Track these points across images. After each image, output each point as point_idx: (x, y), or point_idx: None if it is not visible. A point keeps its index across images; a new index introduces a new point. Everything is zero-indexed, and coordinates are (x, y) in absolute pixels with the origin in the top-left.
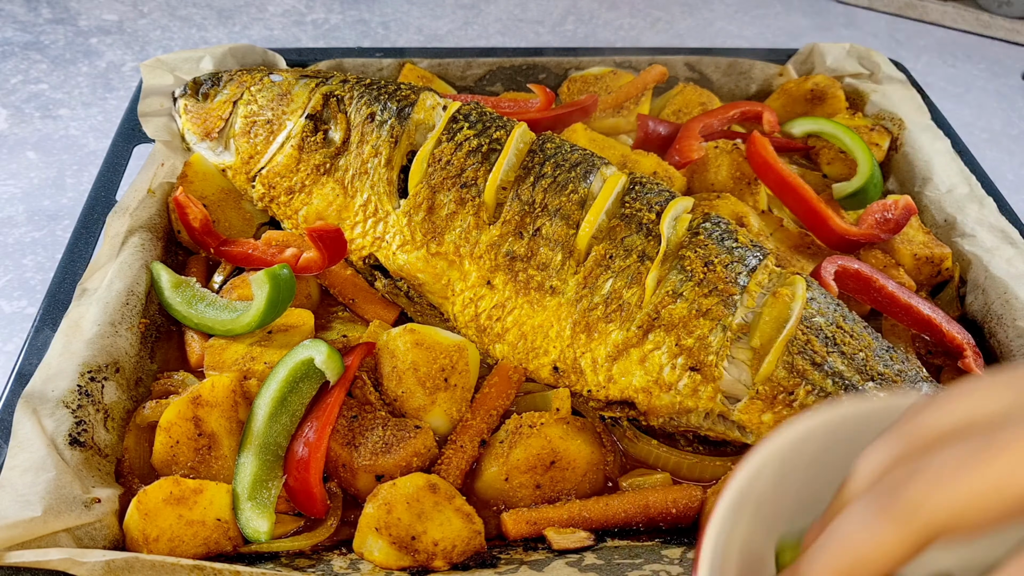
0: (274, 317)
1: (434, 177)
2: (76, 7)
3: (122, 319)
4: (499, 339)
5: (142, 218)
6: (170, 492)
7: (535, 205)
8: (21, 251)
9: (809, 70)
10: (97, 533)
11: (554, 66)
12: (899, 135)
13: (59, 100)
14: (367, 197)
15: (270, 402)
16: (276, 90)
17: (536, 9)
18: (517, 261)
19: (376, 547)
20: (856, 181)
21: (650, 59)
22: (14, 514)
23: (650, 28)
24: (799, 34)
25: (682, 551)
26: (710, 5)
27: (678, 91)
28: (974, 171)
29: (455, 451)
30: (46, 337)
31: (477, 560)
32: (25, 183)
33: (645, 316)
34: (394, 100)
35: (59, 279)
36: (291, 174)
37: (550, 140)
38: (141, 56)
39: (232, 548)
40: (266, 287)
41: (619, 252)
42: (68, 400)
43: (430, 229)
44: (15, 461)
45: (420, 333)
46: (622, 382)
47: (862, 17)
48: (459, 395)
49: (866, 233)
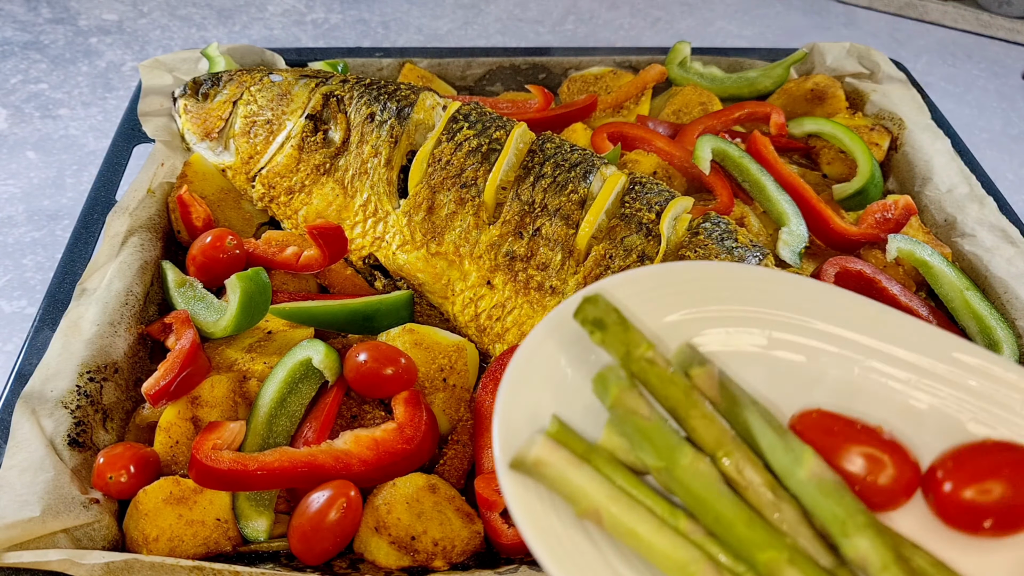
0: (250, 322)
1: (434, 177)
2: (76, 7)
3: (121, 319)
4: (499, 339)
5: (142, 218)
6: (170, 492)
7: (535, 205)
8: (21, 251)
9: (809, 70)
10: (96, 534)
11: (554, 66)
12: (899, 135)
13: (59, 100)
14: (367, 197)
15: (269, 403)
16: (276, 90)
17: (536, 9)
18: (517, 261)
19: (376, 547)
20: (856, 182)
21: (650, 59)
22: (12, 514)
23: (650, 28)
24: (799, 34)
25: None
26: (710, 5)
27: (678, 91)
28: (974, 171)
29: (455, 451)
30: (46, 337)
31: (477, 560)
32: (25, 183)
33: None
34: (394, 100)
35: (59, 279)
36: (291, 174)
37: (550, 140)
38: (141, 56)
39: (232, 548)
40: (238, 291)
41: (619, 252)
42: (67, 400)
43: (430, 229)
44: (13, 461)
45: (419, 333)
46: None
47: (862, 17)
48: (458, 395)
49: (866, 233)
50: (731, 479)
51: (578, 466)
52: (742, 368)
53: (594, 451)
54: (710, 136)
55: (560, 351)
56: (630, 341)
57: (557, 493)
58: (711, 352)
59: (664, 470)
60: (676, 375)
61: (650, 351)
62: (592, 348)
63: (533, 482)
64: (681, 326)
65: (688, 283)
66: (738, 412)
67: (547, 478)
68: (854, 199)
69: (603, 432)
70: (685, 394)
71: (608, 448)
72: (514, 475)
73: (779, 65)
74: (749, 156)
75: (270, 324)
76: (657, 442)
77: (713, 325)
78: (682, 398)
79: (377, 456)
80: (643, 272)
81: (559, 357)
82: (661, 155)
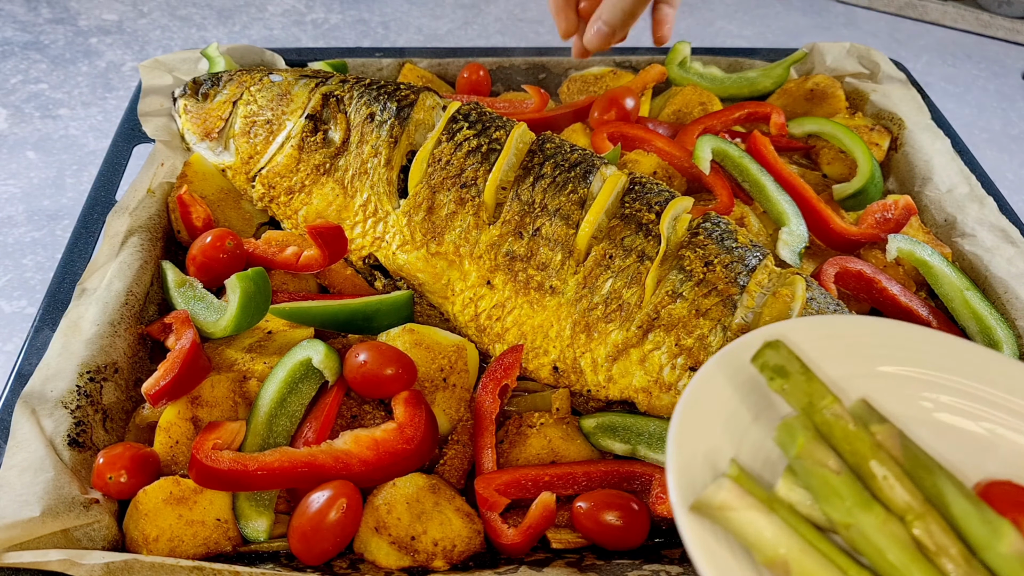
0: (250, 322)
1: (434, 177)
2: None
3: (121, 319)
4: (499, 339)
5: (142, 218)
6: (170, 492)
7: (535, 205)
8: (21, 251)
9: (809, 70)
10: (96, 534)
11: (554, 66)
12: (899, 135)
13: (59, 100)
14: (367, 197)
15: (269, 403)
16: (276, 90)
17: (536, 9)
18: (517, 261)
19: (376, 547)
20: (856, 182)
21: (650, 59)
22: (12, 514)
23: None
24: (799, 34)
25: (682, 551)
26: (710, 5)
27: (678, 91)
28: (974, 171)
29: (455, 451)
30: (46, 337)
31: (477, 560)
32: (25, 183)
33: (645, 316)
34: (394, 100)
35: (59, 279)
36: (291, 174)
37: (550, 140)
38: (141, 56)
39: (232, 548)
40: (238, 291)
41: (619, 252)
42: (67, 400)
43: (430, 229)
44: (13, 461)
45: (419, 333)
46: (622, 382)
47: (862, 17)
48: (458, 395)
49: (866, 233)
50: (921, 544)
51: (766, 514)
52: (911, 430)
53: (776, 500)
54: (710, 136)
55: (734, 393)
56: (814, 392)
57: (739, 539)
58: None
59: (853, 527)
60: (861, 431)
61: (835, 404)
62: (767, 393)
63: (711, 524)
64: (851, 381)
65: (859, 337)
66: (924, 476)
67: (731, 522)
68: (854, 199)
69: (780, 482)
70: (872, 452)
71: (788, 500)
72: (693, 517)
73: (779, 65)
74: (749, 156)
75: (270, 324)
76: (846, 497)
77: (881, 382)
78: (868, 455)
79: (377, 456)
80: (818, 320)
81: (732, 399)
82: (661, 155)
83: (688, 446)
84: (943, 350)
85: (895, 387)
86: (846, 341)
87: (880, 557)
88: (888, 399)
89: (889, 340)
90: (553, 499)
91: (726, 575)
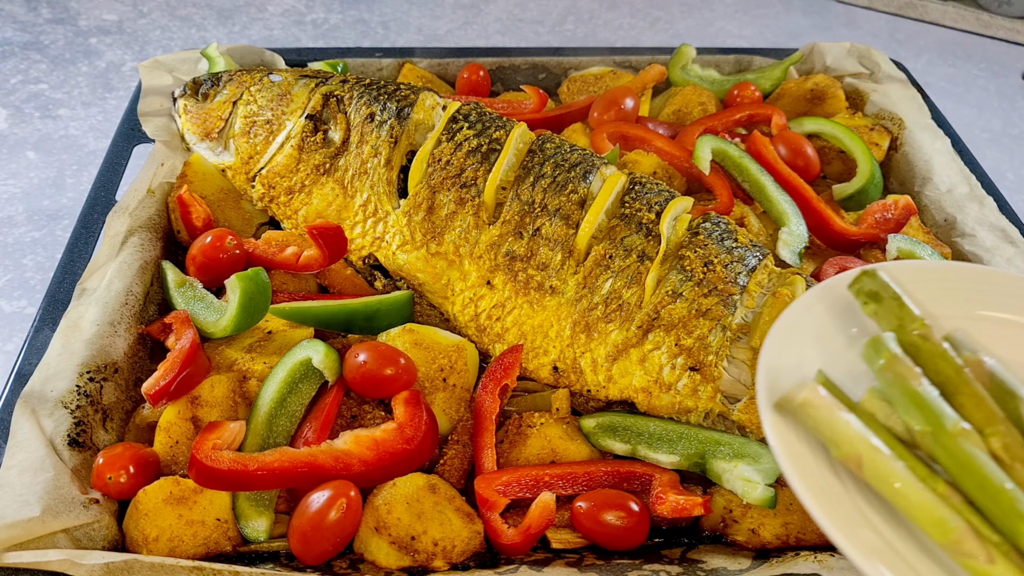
0: (250, 322)
1: (434, 177)
2: (76, 7)
3: (121, 319)
4: (499, 339)
5: (142, 218)
6: (170, 492)
7: (535, 205)
8: (21, 251)
9: (809, 70)
10: (96, 534)
11: (554, 66)
12: (899, 135)
13: (59, 100)
14: (367, 197)
15: (269, 403)
16: (276, 90)
17: (536, 9)
18: (517, 261)
19: (376, 547)
20: (856, 182)
21: (650, 59)
22: (12, 514)
23: (650, 28)
24: (799, 34)
25: (682, 551)
26: (710, 5)
27: (678, 91)
28: (974, 171)
29: (455, 451)
30: (46, 337)
31: (477, 560)
32: (25, 183)
33: (645, 316)
34: (394, 100)
35: (59, 279)
36: (291, 174)
37: (550, 140)
38: (141, 56)
39: (232, 548)
40: (238, 291)
41: (619, 252)
42: (67, 400)
43: (430, 229)
44: (13, 461)
45: (419, 333)
46: (622, 382)
47: (862, 17)
48: (458, 395)
49: (866, 233)
50: (997, 456)
51: (845, 413)
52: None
53: (857, 408)
54: (710, 136)
55: (829, 314)
56: (904, 316)
57: (818, 435)
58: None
59: (930, 434)
60: (948, 353)
61: (924, 327)
62: (861, 319)
63: (792, 423)
64: (951, 320)
65: (963, 282)
66: (1008, 400)
67: (811, 419)
68: (854, 199)
69: (865, 395)
70: (956, 372)
71: (869, 410)
72: (776, 415)
73: (777, 67)
74: (749, 156)
75: (270, 324)
76: (926, 407)
77: (981, 325)
78: (952, 375)
79: (377, 456)
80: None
81: (827, 319)
82: (661, 155)
83: (779, 354)
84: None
85: (993, 330)
86: (949, 284)
87: (954, 461)
88: (984, 340)
89: (993, 287)
90: (553, 499)
91: (802, 466)
